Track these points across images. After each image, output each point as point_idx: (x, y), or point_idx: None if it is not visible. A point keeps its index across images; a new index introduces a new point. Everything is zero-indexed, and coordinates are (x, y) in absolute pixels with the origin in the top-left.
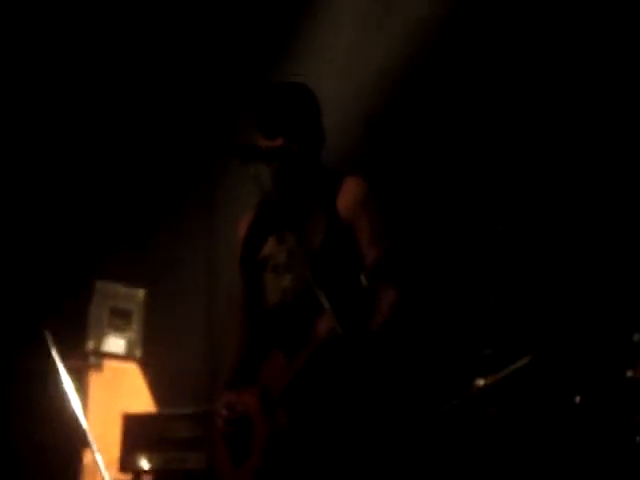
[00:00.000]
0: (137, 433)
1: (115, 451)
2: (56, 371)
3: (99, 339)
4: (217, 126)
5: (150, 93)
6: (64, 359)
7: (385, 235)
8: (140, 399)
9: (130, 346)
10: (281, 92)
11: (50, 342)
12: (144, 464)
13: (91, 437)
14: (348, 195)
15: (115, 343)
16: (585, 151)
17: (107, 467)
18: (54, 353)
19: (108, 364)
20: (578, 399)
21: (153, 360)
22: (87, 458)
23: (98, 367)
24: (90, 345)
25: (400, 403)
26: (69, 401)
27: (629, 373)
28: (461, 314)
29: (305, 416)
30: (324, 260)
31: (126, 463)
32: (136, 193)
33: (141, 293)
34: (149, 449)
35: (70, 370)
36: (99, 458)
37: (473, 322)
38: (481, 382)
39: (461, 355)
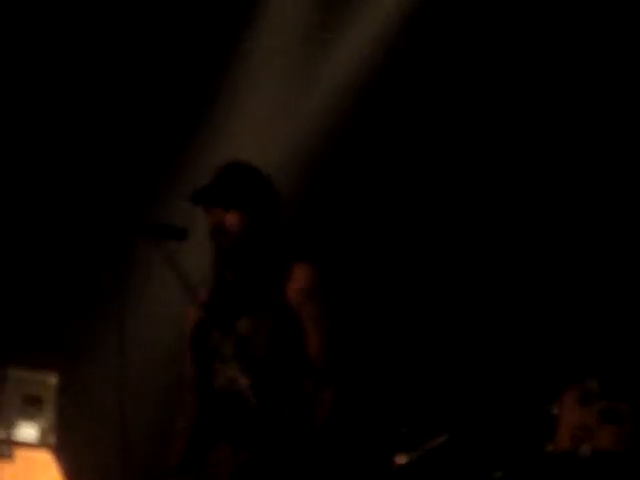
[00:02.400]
0: None
1: None
2: None
3: (10, 428)
4: (128, 206)
5: (60, 171)
6: None
7: (326, 327)
8: None
9: (43, 434)
10: (250, 171)
11: None
12: None
13: None
14: (296, 283)
15: (27, 432)
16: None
17: None
18: None
19: (20, 453)
20: (499, 474)
21: (67, 448)
22: None
23: (9, 457)
24: (1, 434)
25: None
26: None
27: (548, 446)
28: (378, 393)
29: None
30: (267, 365)
31: None
32: (46, 278)
33: (53, 379)
34: None
35: None
36: None
37: (390, 401)
38: (401, 459)
39: (379, 434)
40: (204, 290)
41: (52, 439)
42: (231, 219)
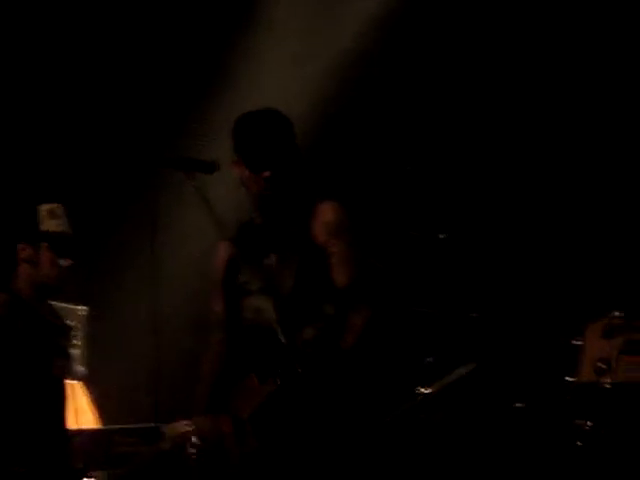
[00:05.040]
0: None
1: None
2: None
3: None
4: (158, 140)
5: (91, 103)
6: None
7: (354, 260)
8: (85, 416)
9: (73, 364)
10: (263, 124)
11: None
12: None
13: None
14: (321, 219)
15: None
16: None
17: None
18: None
19: None
20: (520, 405)
21: (98, 377)
22: None
23: None
24: None
25: (356, 417)
26: None
27: (569, 378)
28: (403, 323)
29: (272, 437)
30: (294, 298)
31: None
32: (78, 210)
33: (84, 310)
34: (96, 466)
35: None
36: None
37: (414, 331)
38: (424, 390)
39: (403, 364)
40: (233, 230)
41: (83, 369)
42: (253, 177)
